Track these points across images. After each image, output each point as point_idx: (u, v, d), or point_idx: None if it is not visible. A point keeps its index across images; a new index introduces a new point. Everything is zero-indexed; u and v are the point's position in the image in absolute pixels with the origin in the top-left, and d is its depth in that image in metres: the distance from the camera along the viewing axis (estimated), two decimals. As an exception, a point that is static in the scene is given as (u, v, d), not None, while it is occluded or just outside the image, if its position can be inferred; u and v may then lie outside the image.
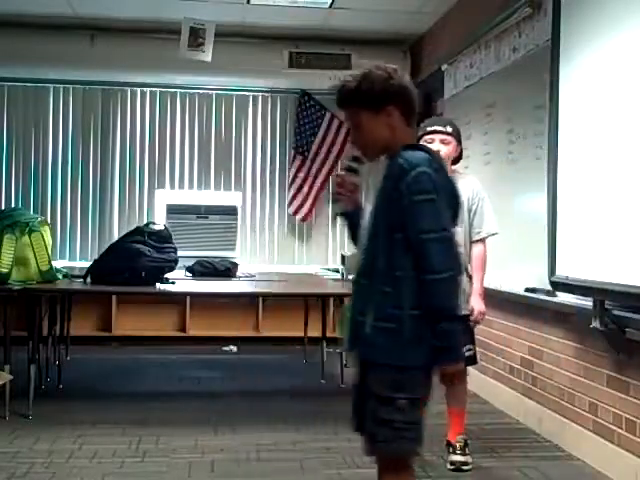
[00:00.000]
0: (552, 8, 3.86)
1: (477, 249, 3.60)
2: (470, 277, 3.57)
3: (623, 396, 3.41)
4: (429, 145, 3.52)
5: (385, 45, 6.88)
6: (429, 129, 3.63)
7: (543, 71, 3.93)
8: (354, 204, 2.34)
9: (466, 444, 3.66)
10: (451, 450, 3.65)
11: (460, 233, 3.46)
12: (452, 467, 3.58)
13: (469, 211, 3.58)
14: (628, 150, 3.11)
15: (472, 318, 3.56)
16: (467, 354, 3.54)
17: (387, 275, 2.08)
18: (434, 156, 2.18)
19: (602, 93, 3.35)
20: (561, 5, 3.75)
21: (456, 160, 3.73)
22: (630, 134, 3.10)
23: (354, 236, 2.34)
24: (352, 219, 2.35)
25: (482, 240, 3.61)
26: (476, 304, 3.56)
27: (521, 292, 4.33)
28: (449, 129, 3.63)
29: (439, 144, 3.57)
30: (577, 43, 3.59)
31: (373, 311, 2.10)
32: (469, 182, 3.64)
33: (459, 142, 3.68)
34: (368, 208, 2.22)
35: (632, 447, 3.31)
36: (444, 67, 5.86)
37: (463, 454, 3.61)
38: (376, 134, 2.18)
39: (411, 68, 6.91)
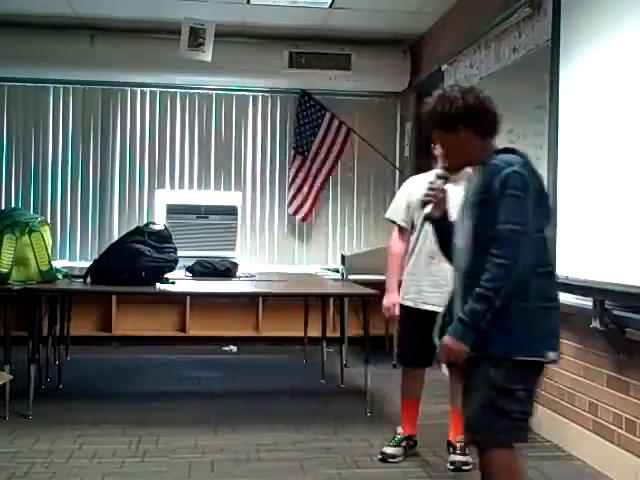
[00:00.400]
0: (552, 8, 3.86)
1: None
2: None
3: (623, 396, 3.41)
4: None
5: (385, 45, 6.89)
6: None
7: (543, 71, 3.93)
8: (441, 210, 2.54)
9: (466, 444, 3.66)
10: (451, 450, 3.66)
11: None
12: (452, 467, 3.59)
13: None
14: (628, 150, 3.11)
15: None
16: None
17: None
18: (527, 159, 2.32)
19: (602, 93, 3.35)
20: (561, 5, 3.75)
21: None
22: (630, 134, 3.11)
23: (440, 241, 2.60)
24: (438, 224, 2.57)
25: None
26: None
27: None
28: None
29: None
30: (577, 43, 3.59)
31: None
32: None
33: None
34: (465, 213, 2.38)
35: (632, 447, 3.31)
36: (444, 67, 5.86)
37: (463, 454, 3.61)
38: (453, 152, 2.40)
39: (411, 68, 6.92)
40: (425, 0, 5.78)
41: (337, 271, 6.49)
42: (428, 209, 2.58)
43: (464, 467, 3.58)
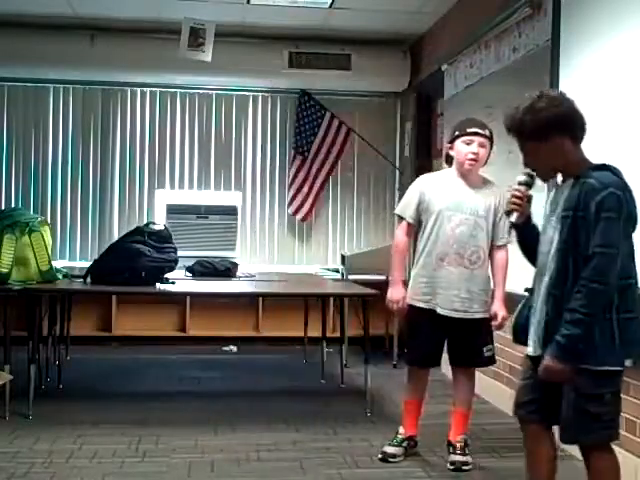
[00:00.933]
0: (552, 8, 3.86)
1: (502, 254, 3.66)
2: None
3: (623, 396, 3.40)
4: (467, 147, 3.56)
5: (385, 45, 6.89)
6: (469, 130, 3.59)
7: (543, 71, 3.93)
8: (525, 216, 2.56)
9: (466, 444, 3.67)
10: (451, 450, 3.66)
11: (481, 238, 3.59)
12: (452, 467, 3.59)
13: (495, 216, 3.60)
14: (628, 150, 3.11)
15: (496, 323, 3.62)
16: (487, 354, 3.69)
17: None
18: (621, 176, 2.35)
19: (602, 93, 3.35)
20: (561, 5, 3.75)
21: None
22: (630, 134, 3.11)
23: (524, 247, 2.65)
24: (523, 231, 2.61)
25: (505, 246, 3.65)
26: (500, 310, 3.62)
27: (521, 292, 4.31)
28: (487, 132, 3.62)
29: (477, 147, 3.56)
30: (577, 43, 3.59)
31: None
32: (496, 190, 3.66)
33: (492, 145, 3.67)
34: (551, 222, 2.44)
35: (632, 447, 3.31)
36: (444, 67, 5.86)
37: (463, 454, 3.62)
38: (546, 162, 2.43)
39: (411, 68, 6.92)
40: (425, 0, 5.78)
41: (337, 271, 6.49)
42: (514, 218, 2.57)
43: (464, 467, 3.58)
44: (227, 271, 5.38)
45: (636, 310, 2.38)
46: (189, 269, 5.35)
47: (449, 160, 3.72)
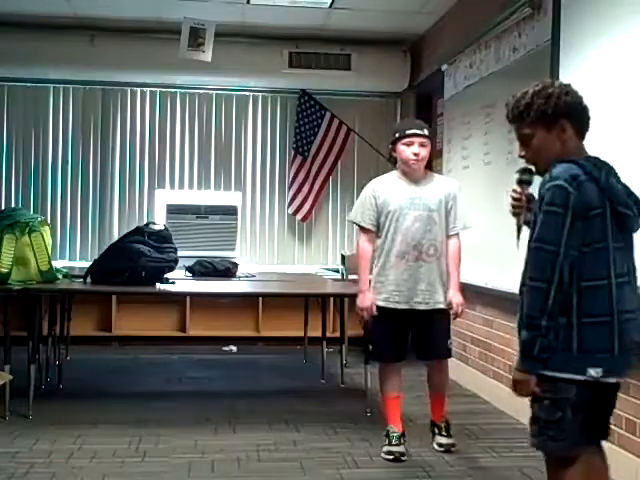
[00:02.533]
0: (552, 8, 3.86)
1: (454, 243, 3.76)
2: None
3: (623, 396, 3.40)
4: (408, 148, 3.67)
5: (385, 45, 6.89)
6: (409, 132, 3.70)
7: (543, 71, 3.93)
8: (531, 216, 2.33)
9: (448, 425, 3.84)
10: (437, 431, 3.82)
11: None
12: (441, 449, 3.75)
13: (446, 208, 3.72)
14: (628, 150, 3.11)
15: (452, 311, 3.72)
16: (450, 347, 3.84)
17: None
18: (587, 169, 2.14)
19: (602, 93, 3.35)
20: (561, 5, 3.75)
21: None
22: (630, 134, 3.11)
23: None
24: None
25: (457, 235, 3.77)
26: (455, 297, 3.72)
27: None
28: (426, 132, 3.74)
29: (418, 147, 3.68)
30: (577, 43, 3.59)
31: None
32: (443, 181, 3.87)
33: (432, 142, 3.85)
34: None
35: (632, 447, 3.31)
36: (444, 67, 5.86)
37: (449, 436, 3.80)
38: (548, 150, 2.24)
39: (411, 68, 6.92)
40: (425, 0, 5.78)
41: (337, 271, 6.48)
42: (521, 220, 2.44)
43: (452, 449, 3.75)
44: (227, 271, 5.38)
45: (606, 314, 2.14)
46: (189, 269, 5.35)
47: (393, 161, 3.84)
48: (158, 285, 4.51)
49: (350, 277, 5.94)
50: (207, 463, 3.59)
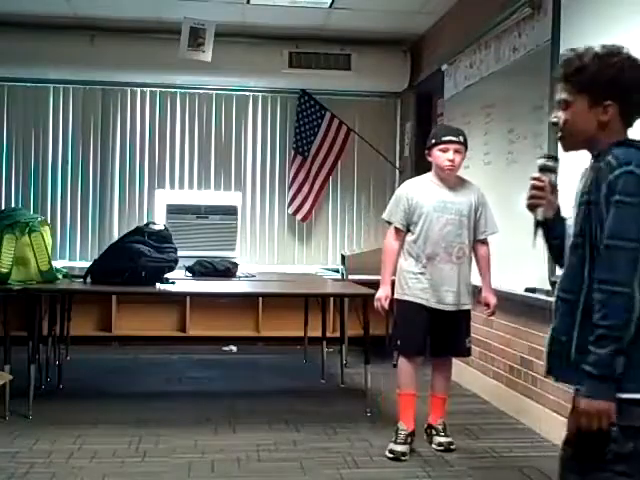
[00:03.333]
0: (552, 8, 3.86)
1: (484, 248, 3.94)
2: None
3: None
4: (444, 154, 3.76)
5: (385, 45, 6.89)
6: (445, 139, 3.79)
7: (543, 71, 3.93)
8: (555, 209, 2.04)
9: (445, 426, 3.88)
10: (434, 432, 3.86)
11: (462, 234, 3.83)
12: (441, 448, 3.79)
13: (475, 213, 3.85)
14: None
15: (489, 311, 3.91)
16: (468, 345, 3.95)
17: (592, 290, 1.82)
18: None
19: (602, 93, 3.35)
20: (561, 5, 3.75)
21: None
22: (630, 134, 3.10)
23: (555, 248, 2.07)
24: (554, 227, 2.05)
25: (486, 239, 3.92)
26: (492, 298, 3.90)
27: (521, 292, 4.33)
28: (462, 139, 3.83)
29: (454, 154, 3.77)
30: (577, 43, 3.58)
31: (578, 331, 1.86)
32: (473, 188, 3.94)
33: (466, 149, 3.90)
34: (572, 215, 1.95)
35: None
36: (444, 67, 5.86)
37: (446, 435, 3.84)
38: (583, 125, 1.92)
39: (411, 68, 6.92)
40: (425, 0, 5.78)
41: (337, 271, 6.49)
42: (539, 214, 2.03)
43: (451, 447, 3.79)
44: (227, 271, 5.37)
45: None
46: (189, 269, 5.35)
47: (429, 166, 3.95)
48: (158, 285, 4.51)
49: (350, 277, 5.95)
50: (207, 463, 3.59)
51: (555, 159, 2.06)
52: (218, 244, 6.99)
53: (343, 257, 6.34)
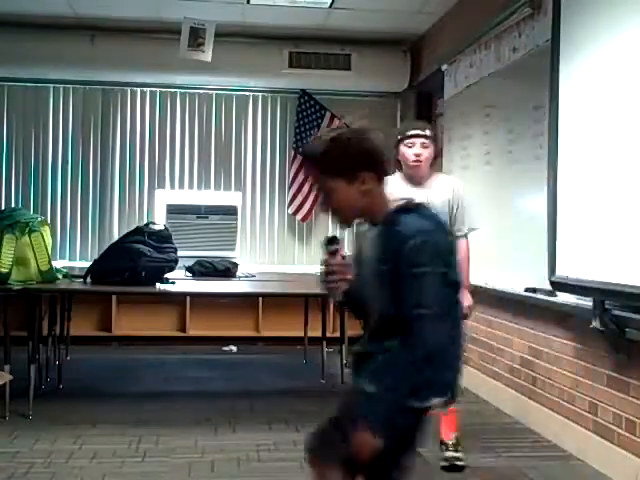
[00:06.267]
0: (552, 8, 3.86)
1: (462, 245, 3.67)
2: None
3: (623, 396, 3.41)
4: (410, 149, 3.62)
5: (385, 45, 6.89)
6: (409, 133, 3.66)
7: (543, 71, 3.93)
8: (349, 282, 2.14)
9: (458, 442, 3.69)
10: (444, 448, 3.68)
11: None
12: (446, 464, 3.61)
13: (451, 210, 3.66)
14: (628, 150, 3.12)
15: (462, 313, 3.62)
16: None
17: None
18: (428, 215, 1.98)
19: (602, 93, 3.35)
20: (561, 5, 3.75)
21: (433, 160, 3.80)
22: (630, 134, 3.11)
23: (359, 311, 2.18)
24: (353, 297, 2.15)
25: (465, 236, 3.70)
26: (465, 299, 3.59)
27: (521, 292, 4.33)
28: (428, 132, 3.68)
29: (420, 148, 3.63)
30: (577, 43, 3.59)
31: None
32: (448, 182, 3.76)
33: (436, 143, 3.76)
34: (365, 265, 2.05)
35: (632, 447, 3.31)
36: (444, 67, 5.86)
37: (456, 450, 3.65)
38: (351, 202, 2.00)
39: (411, 68, 6.92)
40: (425, 0, 5.78)
41: (337, 271, 6.47)
42: (338, 297, 2.15)
43: (457, 462, 3.61)
44: (227, 271, 5.37)
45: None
46: (189, 269, 5.35)
47: (399, 164, 3.75)
48: (158, 285, 4.51)
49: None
50: (207, 463, 3.59)
51: (336, 241, 2.16)
52: (218, 244, 6.99)
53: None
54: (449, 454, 3.63)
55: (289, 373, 5.89)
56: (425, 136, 3.65)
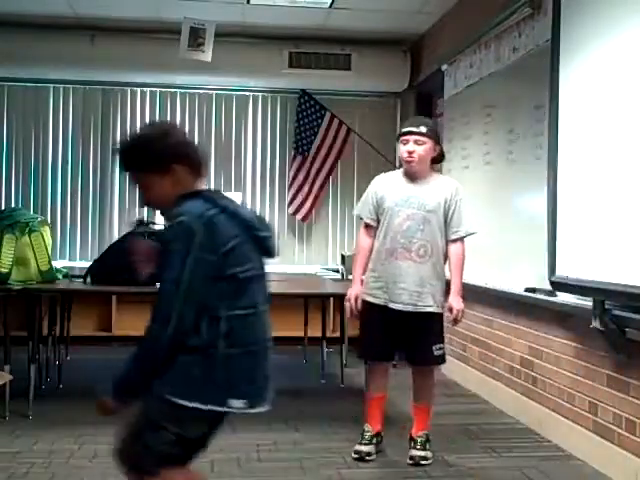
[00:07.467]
0: (552, 8, 3.86)
1: (455, 248, 3.65)
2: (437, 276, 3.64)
3: (623, 396, 3.41)
4: (404, 147, 3.63)
5: (385, 45, 6.89)
6: (403, 130, 3.69)
7: (543, 71, 3.93)
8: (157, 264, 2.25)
9: (427, 439, 3.67)
10: (412, 445, 3.66)
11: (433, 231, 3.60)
12: (411, 462, 3.60)
13: (446, 211, 3.63)
14: (628, 150, 3.12)
15: (451, 317, 3.62)
16: (437, 353, 3.65)
17: None
18: (217, 199, 2.11)
19: (602, 93, 3.35)
20: (561, 5, 3.75)
21: (437, 160, 3.81)
22: (630, 134, 3.11)
23: None
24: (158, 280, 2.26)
25: (461, 239, 3.66)
26: (455, 303, 3.62)
27: (521, 292, 4.33)
28: (423, 129, 3.65)
29: (413, 145, 3.63)
30: (577, 43, 3.59)
31: None
32: (447, 183, 3.75)
33: (437, 142, 3.72)
34: None
35: (632, 447, 3.31)
36: (444, 67, 5.86)
37: (423, 449, 3.63)
38: (166, 193, 2.14)
39: (411, 68, 6.92)
40: (425, 0, 5.78)
41: (337, 271, 6.48)
42: (146, 273, 2.33)
43: (422, 462, 3.59)
44: (227, 271, 5.36)
45: (247, 345, 2.20)
46: (189, 269, 5.33)
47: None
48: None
49: (350, 277, 5.95)
50: (207, 463, 3.58)
51: (142, 222, 2.45)
52: (218, 244, 6.98)
53: (343, 257, 6.33)
54: (415, 452, 3.62)
55: (289, 373, 5.87)
56: (418, 133, 3.63)
